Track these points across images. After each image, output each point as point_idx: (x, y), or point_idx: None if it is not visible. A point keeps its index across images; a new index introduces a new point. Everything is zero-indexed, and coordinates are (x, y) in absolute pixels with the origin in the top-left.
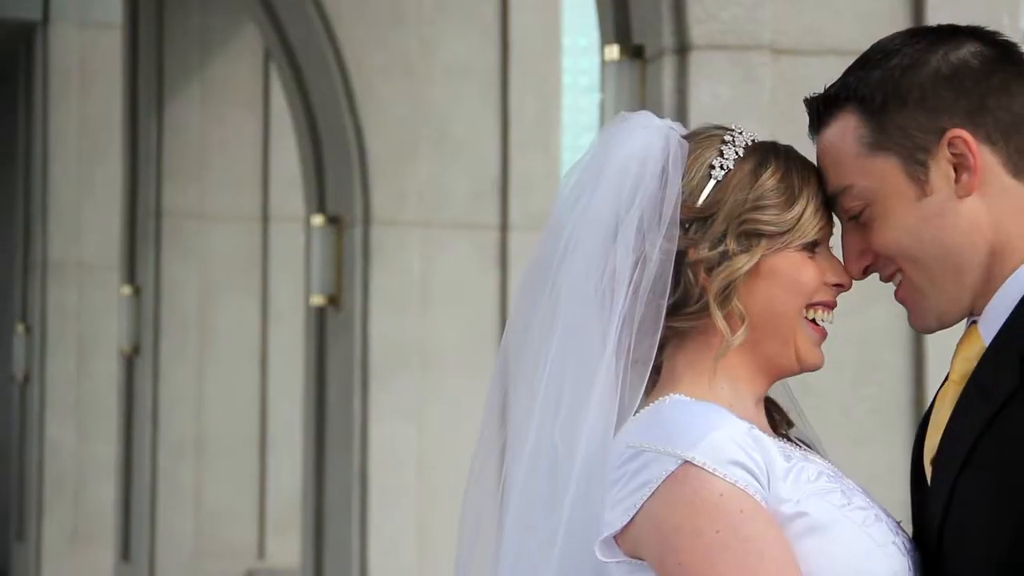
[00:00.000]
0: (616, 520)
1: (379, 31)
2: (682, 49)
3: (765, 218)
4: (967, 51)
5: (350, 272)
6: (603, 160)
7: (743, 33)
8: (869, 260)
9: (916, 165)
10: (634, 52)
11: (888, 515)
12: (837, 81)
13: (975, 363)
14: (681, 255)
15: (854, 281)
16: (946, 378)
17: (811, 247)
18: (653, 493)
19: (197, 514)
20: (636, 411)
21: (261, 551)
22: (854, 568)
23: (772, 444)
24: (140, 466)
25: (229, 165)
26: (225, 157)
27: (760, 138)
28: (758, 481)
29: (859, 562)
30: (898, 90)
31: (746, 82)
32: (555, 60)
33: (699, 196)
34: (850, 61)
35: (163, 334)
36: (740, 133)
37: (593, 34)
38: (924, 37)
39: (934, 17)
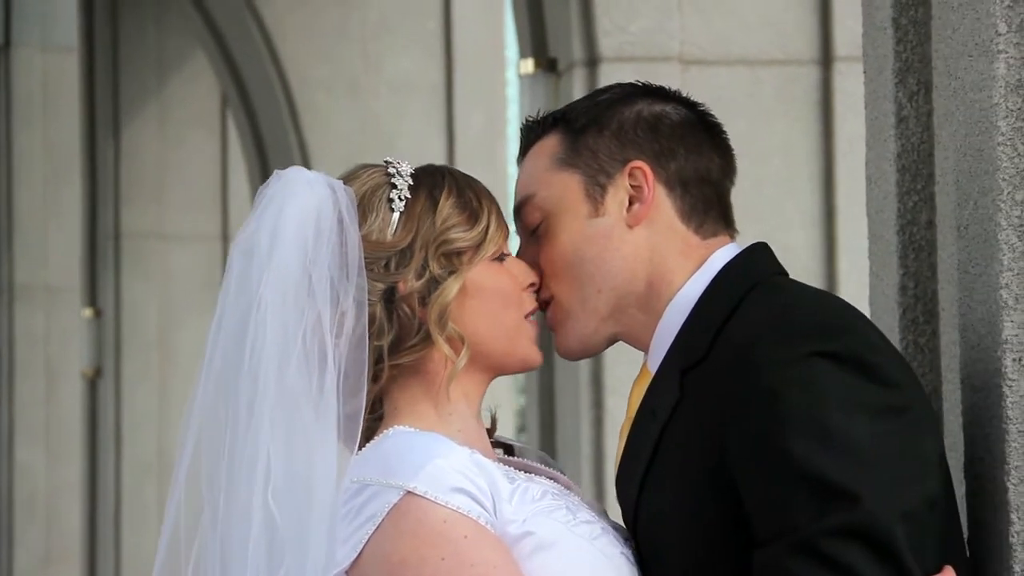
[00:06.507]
0: (345, 557)
1: (323, 47)
2: (592, 62)
3: (458, 235)
4: (671, 107)
5: None
6: (276, 219)
7: (652, 45)
8: (538, 276)
9: (596, 186)
10: (548, 65)
11: (616, 528)
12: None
13: None
14: (391, 292)
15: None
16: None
17: (500, 257)
18: (378, 527)
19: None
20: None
21: None
22: None
23: (495, 467)
24: (105, 488)
25: (188, 186)
26: (184, 178)
27: (415, 165)
28: (482, 506)
29: (589, 575)
30: (600, 118)
31: None
32: (500, 75)
33: (388, 231)
34: (759, 71)
35: (124, 356)
36: (397, 163)
37: None
38: (639, 89)
39: (841, 27)
